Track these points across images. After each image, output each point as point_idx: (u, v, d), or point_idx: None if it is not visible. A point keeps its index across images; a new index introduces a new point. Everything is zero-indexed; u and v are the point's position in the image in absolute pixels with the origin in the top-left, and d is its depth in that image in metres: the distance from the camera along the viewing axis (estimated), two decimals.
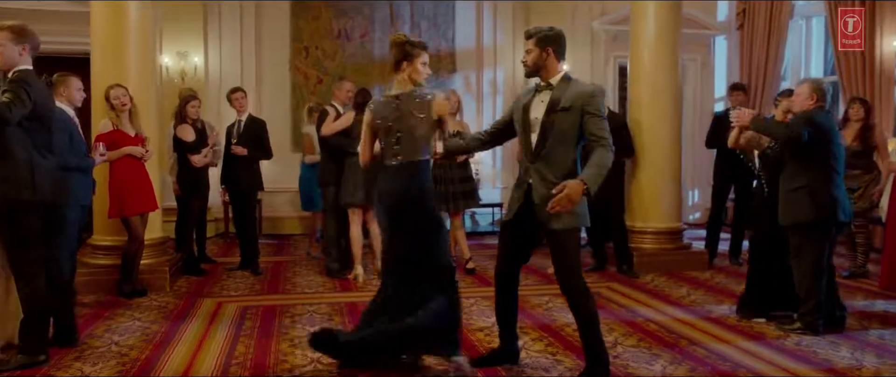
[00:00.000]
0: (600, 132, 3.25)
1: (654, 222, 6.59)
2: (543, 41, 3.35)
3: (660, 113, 6.54)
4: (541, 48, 3.35)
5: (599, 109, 3.28)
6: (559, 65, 3.40)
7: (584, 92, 3.30)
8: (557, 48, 3.38)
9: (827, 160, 4.31)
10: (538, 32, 3.38)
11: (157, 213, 5.75)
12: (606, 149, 3.23)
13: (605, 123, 3.28)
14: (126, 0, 5.59)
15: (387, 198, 3.65)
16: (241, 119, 6.55)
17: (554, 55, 3.36)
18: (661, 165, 6.56)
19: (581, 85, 3.37)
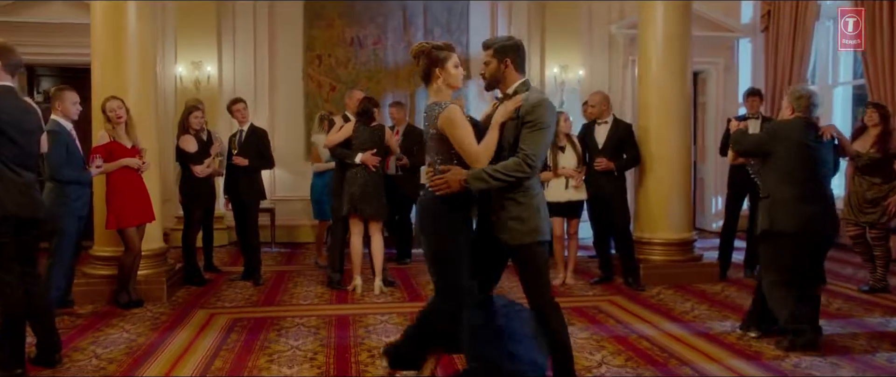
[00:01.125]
0: (526, 145, 3.09)
1: (663, 232, 6.38)
2: (501, 52, 3.23)
3: (668, 119, 6.34)
4: (499, 59, 3.23)
5: (539, 120, 3.10)
6: (518, 75, 3.27)
7: (528, 100, 3.15)
8: (516, 59, 3.25)
9: (788, 170, 4.24)
10: (495, 43, 3.27)
11: (157, 224, 5.79)
12: (520, 161, 3.07)
13: (538, 138, 3.10)
14: (126, 13, 5.63)
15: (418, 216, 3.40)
16: (243, 129, 6.56)
17: (513, 66, 3.24)
18: (670, 173, 6.35)
19: (532, 94, 3.22)
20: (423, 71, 3.26)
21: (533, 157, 3.07)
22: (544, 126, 3.10)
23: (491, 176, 3.06)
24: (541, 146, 3.11)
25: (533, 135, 3.08)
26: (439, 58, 3.21)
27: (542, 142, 3.11)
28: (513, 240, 3.16)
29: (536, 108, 3.10)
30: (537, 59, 9.57)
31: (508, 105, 3.16)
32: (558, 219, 6.27)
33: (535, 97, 3.15)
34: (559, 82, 9.36)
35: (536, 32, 9.58)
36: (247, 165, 6.41)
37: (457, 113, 3.14)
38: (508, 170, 3.06)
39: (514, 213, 3.15)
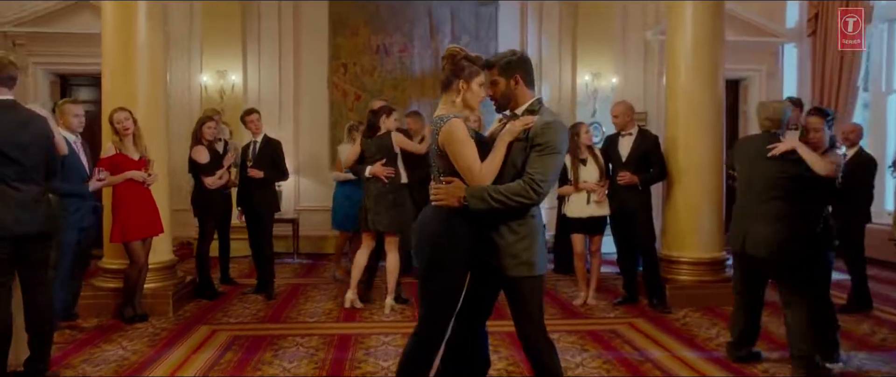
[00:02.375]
0: (533, 169, 2.83)
1: (691, 251, 6.01)
2: (508, 69, 2.97)
3: (698, 128, 5.97)
4: (507, 77, 2.96)
5: (549, 144, 2.84)
6: (529, 93, 3.02)
7: (539, 121, 2.89)
8: (525, 75, 2.99)
9: (741, 186, 4.25)
10: (500, 60, 2.99)
11: (166, 236, 5.72)
12: (526, 186, 2.81)
13: (547, 163, 2.83)
14: (135, 21, 5.60)
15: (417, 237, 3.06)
16: (257, 140, 6.46)
17: (523, 82, 2.98)
18: (700, 188, 5.97)
19: (545, 114, 2.96)
20: (445, 77, 2.98)
21: (541, 183, 2.81)
22: (555, 150, 2.84)
23: (492, 196, 2.81)
24: (550, 172, 2.84)
25: (542, 159, 2.82)
26: (468, 71, 2.94)
27: (551, 167, 2.85)
28: (505, 270, 2.91)
29: (546, 131, 2.84)
30: (569, 67, 9.27)
31: (516, 125, 2.90)
32: (579, 235, 5.97)
33: (546, 118, 2.89)
34: (591, 91, 9.04)
35: (568, 39, 9.28)
36: (261, 177, 6.30)
37: (459, 128, 2.85)
38: (512, 193, 2.81)
39: (508, 241, 2.90)
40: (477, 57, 3.01)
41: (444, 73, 3.00)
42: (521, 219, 2.90)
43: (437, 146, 2.94)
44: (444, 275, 2.90)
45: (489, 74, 3.02)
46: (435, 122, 2.96)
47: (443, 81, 3.01)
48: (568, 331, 5.12)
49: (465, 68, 2.95)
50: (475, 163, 2.85)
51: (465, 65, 2.96)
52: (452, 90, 2.97)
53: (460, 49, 3.00)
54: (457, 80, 2.95)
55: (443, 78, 3.01)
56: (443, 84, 3.02)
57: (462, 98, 2.96)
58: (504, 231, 2.90)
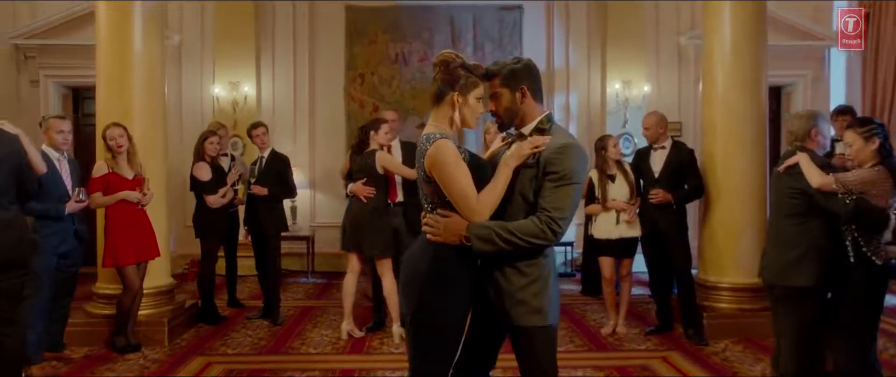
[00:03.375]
0: (550, 204, 2.37)
1: (732, 276, 5.46)
2: (512, 79, 2.51)
3: (738, 141, 5.43)
4: (511, 89, 2.52)
5: (564, 173, 2.38)
6: (537, 107, 2.57)
7: (553, 144, 2.43)
8: (532, 85, 2.54)
9: None
10: (503, 68, 2.53)
11: (163, 259, 5.38)
12: (542, 226, 2.36)
13: (564, 195, 2.38)
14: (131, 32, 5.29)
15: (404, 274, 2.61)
16: (263, 155, 6.10)
17: (530, 94, 2.53)
18: (740, 206, 5.43)
19: (558, 134, 2.50)
20: (437, 88, 2.50)
21: (560, 221, 2.36)
22: (572, 180, 2.39)
23: (501, 237, 2.35)
24: (568, 207, 2.39)
25: (558, 192, 2.38)
26: (463, 82, 2.48)
27: (570, 202, 2.39)
28: (512, 319, 2.45)
29: (563, 157, 2.39)
30: (598, 74, 8.77)
31: (524, 147, 2.45)
32: (608, 259, 5.47)
33: (561, 140, 2.44)
34: (622, 100, 8.52)
35: (596, 45, 8.78)
36: (266, 195, 5.94)
37: (447, 149, 2.39)
38: (525, 233, 2.35)
39: (515, 285, 2.44)
40: (476, 65, 2.55)
41: (435, 83, 2.53)
42: (531, 260, 2.45)
43: (423, 171, 2.49)
44: (438, 321, 2.44)
45: (490, 86, 2.57)
46: (420, 141, 2.51)
47: (434, 93, 2.53)
48: (594, 366, 4.63)
49: (461, 78, 2.49)
50: (470, 191, 2.39)
51: (460, 74, 2.49)
52: (445, 104, 2.50)
53: (456, 55, 2.54)
54: (451, 91, 2.48)
55: (434, 89, 2.53)
56: (434, 96, 2.53)
57: (457, 114, 2.51)
58: (510, 273, 2.45)
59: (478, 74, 2.53)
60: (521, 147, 2.46)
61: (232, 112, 8.31)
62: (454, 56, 2.53)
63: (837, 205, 3.46)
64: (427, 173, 2.46)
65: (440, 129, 2.51)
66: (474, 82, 2.51)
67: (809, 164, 3.53)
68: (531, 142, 2.46)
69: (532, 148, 2.43)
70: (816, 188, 3.48)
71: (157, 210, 5.30)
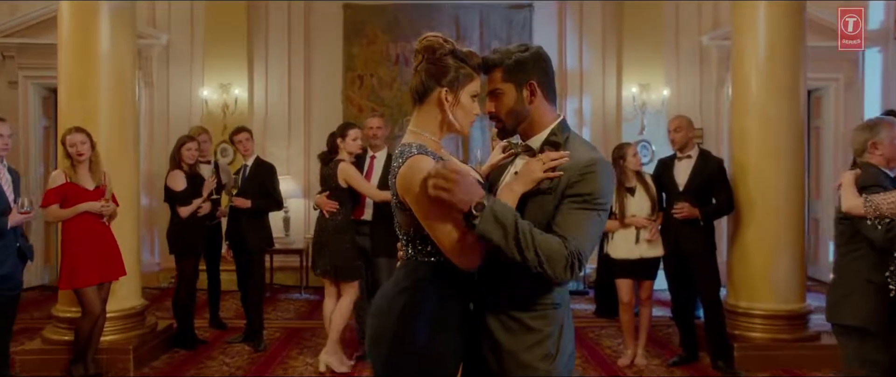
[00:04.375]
0: (571, 231, 1.80)
1: (765, 302, 4.89)
2: (519, 71, 1.94)
3: (774, 152, 4.88)
4: (518, 84, 1.95)
5: (593, 195, 1.83)
6: (550, 110, 2.00)
7: (575, 162, 1.86)
8: (543, 79, 1.97)
9: None
10: (507, 57, 1.95)
11: (132, 277, 4.85)
12: (566, 252, 1.76)
13: (589, 223, 1.83)
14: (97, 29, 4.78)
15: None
16: (247, 163, 5.57)
17: (542, 93, 1.97)
18: (776, 225, 4.86)
19: (578, 147, 1.93)
20: (418, 83, 1.94)
21: (581, 253, 1.78)
22: (601, 205, 1.84)
23: (517, 233, 1.73)
24: (591, 236, 1.84)
25: (582, 218, 1.82)
26: (454, 75, 1.91)
27: (594, 230, 1.85)
28: None
29: (593, 174, 1.83)
30: (613, 77, 8.22)
31: (535, 169, 1.87)
32: (627, 281, 4.90)
33: (585, 154, 1.88)
34: (639, 104, 7.95)
35: (612, 46, 8.23)
36: (249, 207, 5.41)
37: (424, 168, 1.79)
38: (545, 250, 1.75)
39: (516, 340, 1.88)
40: (470, 53, 1.98)
41: (416, 76, 1.96)
42: (538, 309, 1.88)
43: (396, 197, 1.93)
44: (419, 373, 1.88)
45: (489, 80, 2.01)
46: (394, 156, 1.95)
47: (414, 89, 1.96)
48: None
49: (451, 69, 1.92)
50: (457, 225, 1.80)
51: (450, 64, 1.92)
52: (430, 103, 1.94)
53: (444, 39, 1.95)
54: (437, 87, 1.92)
55: (414, 84, 1.96)
56: (414, 93, 1.96)
57: (442, 116, 1.94)
58: (512, 325, 1.89)
59: (473, 65, 1.96)
60: (532, 169, 1.89)
61: (222, 116, 7.81)
62: (441, 41, 1.95)
63: (870, 231, 2.99)
64: (400, 199, 1.89)
65: (421, 137, 1.94)
66: (468, 75, 1.94)
67: (849, 184, 3.10)
68: (544, 159, 1.89)
69: (546, 170, 1.87)
70: (845, 211, 3.06)
71: (126, 224, 4.79)
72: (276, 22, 8.15)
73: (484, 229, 1.73)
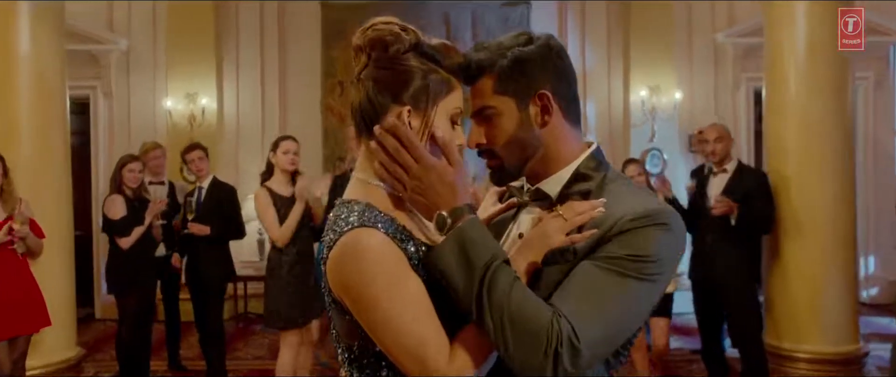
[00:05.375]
0: (571, 294, 1.11)
1: (812, 343, 4.21)
2: (520, 75, 1.23)
3: (819, 163, 4.22)
4: (519, 97, 1.24)
5: (636, 256, 1.12)
6: (575, 134, 1.29)
7: (625, 213, 1.15)
8: (561, 85, 1.26)
9: None
10: (500, 57, 1.23)
11: (62, 325, 4.10)
12: (552, 325, 1.06)
13: (620, 295, 1.11)
14: (15, 33, 4.06)
15: None
16: (202, 185, 4.83)
17: (560, 108, 1.25)
18: (822, 249, 4.17)
19: (627, 193, 1.21)
20: (363, 101, 1.21)
21: (582, 337, 1.07)
22: (645, 273, 1.12)
23: (483, 282, 1.09)
24: (612, 316, 1.11)
25: (603, 281, 1.12)
26: (419, 83, 1.20)
27: (623, 307, 1.12)
28: None
29: (640, 232, 1.13)
30: (619, 80, 7.52)
31: (550, 229, 1.18)
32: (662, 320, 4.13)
33: (638, 203, 1.17)
34: (648, 109, 7.24)
35: (617, 45, 7.54)
36: (207, 235, 4.66)
37: (372, 253, 1.11)
38: (513, 313, 1.08)
39: None
40: (444, 47, 1.25)
41: (359, 88, 1.23)
42: None
43: (328, 293, 1.19)
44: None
45: (474, 94, 1.28)
46: (328, 223, 1.20)
47: (357, 110, 1.24)
48: None
49: (414, 76, 1.20)
50: (429, 333, 1.11)
51: (413, 67, 1.21)
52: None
53: (401, 28, 1.22)
54: (393, 105, 1.20)
55: (358, 101, 1.23)
56: (357, 116, 1.24)
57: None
58: None
59: (451, 66, 1.23)
60: (547, 232, 1.18)
61: (189, 128, 7.06)
62: (397, 30, 1.22)
63: None
64: (335, 296, 1.17)
65: (369, 190, 1.22)
66: (444, 83, 1.22)
67: None
68: (567, 213, 1.18)
69: (570, 232, 1.16)
70: None
71: (55, 260, 4.10)
72: (248, 24, 7.41)
73: (436, 259, 1.12)
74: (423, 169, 1.15)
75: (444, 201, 1.15)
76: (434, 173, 1.15)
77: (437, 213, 1.15)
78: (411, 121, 1.19)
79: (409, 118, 1.19)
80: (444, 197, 1.15)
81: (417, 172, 1.15)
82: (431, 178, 1.15)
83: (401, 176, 1.17)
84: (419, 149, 1.16)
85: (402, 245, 1.14)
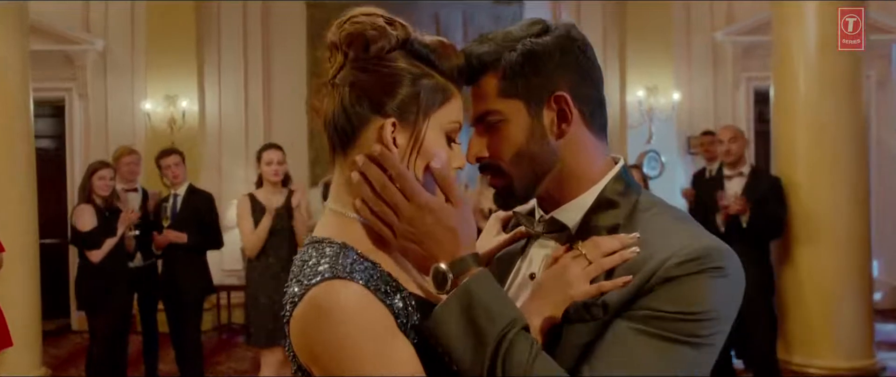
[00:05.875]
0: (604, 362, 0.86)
1: (824, 357, 3.97)
2: (532, 73, 0.98)
3: (831, 167, 3.99)
4: (530, 100, 0.99)
5: (684, 314, 0.86)
6: (599, 147, 1.03)
7: (666, 252, 0.89)
8: (583, 86, 1.01)
9: None
10: (507, 51, 0.99)
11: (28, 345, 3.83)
12: None
13: (664, 363, 0.86)
14: None
15: None
16: (178, 193, 4.57)
17: (581, 115, 1.00)
18: (837, 259, 3.96)
19: (668, 223, 0.96)
20: (338, 112, 0.98)
21: None
22: (696, 335, 0.88)
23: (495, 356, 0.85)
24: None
25: (643, 348, 0.87)
26: (409, 89, 0.95)
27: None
28: None
29: (688, 280, 0.88)
30: (616, 80, 7.31)
31: (571, 274, 0.93)
32: None
33: (684, 238, 0.92)
34: (646, 110, 7.04)
35: (613, 45, 7.36)
36: (185, 244, 4.41)
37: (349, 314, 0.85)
38: None
39: None
40: (440, 45, 1.00)
41: (330, 96, 1.00)
42: None
43: (292, 356, 0.94)
44: None
45: (474, 98, 1.04)
46: (291, 275, 0.95)
47: (330, 122, 1.00)
48: None
49: (403, 80, 0.96)
50: None
51: (400, 69, 0.97)
52: (358, 148, 0.98)
53: (388, 20, 0.98)
54: (375, 117, 0.96)
55: (331, 111, 1.00)
56: (331, 131, 1.00)
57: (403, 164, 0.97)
58: None
59: (448, 70, 1.00)
60: (567, 276, 0.94)
61: (169, 132, 6.78)
62: (381, 24, 0.98)
63: None
64: (301, 363, 0.93)
65: (345, 224, 0.99)
66: (440, 90, 0.98)
67: None
68: (591, 251, 0.95)
69: (596, 278, 0.94)
70: None
71: (17, 276, 3.82)
72: (230, 23, 7.15)
73: (440, 324, 0.89)
74: (416, 209, 0.92)
75: (444, 251, 0.91)
76: (431, 215, 0.92)
77: (435, 267, 0.91)
78: (397, 137, 0.95)
79: (395, 133, 0.94)
80: (443, 245, 0.91)
81: (410, 214, 0.92)
82: (427, 221, 0.91)
83: (389, 217, 0.93)
84: (412, 183, 0.92)
85: (387, 300, 0.89)
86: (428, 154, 0.96)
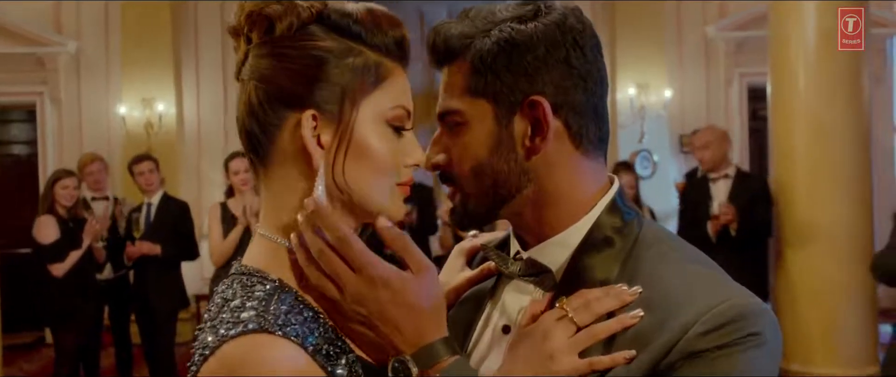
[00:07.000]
0: None
1: (823, 365, 3.80)
2: (505, 69, 0.77)
3: (831, 170, 3.84)
4: (499, 104, 0.78)
5: None
6: (593, 167, 0.82)
7: (693, 319, 0.68)
8: (572, 92, 0.78)
9: None
10: (479, 37, 0.78)
11: None
12: None
13: None
14: None
15: None
16: (151, 202, 4.37)
17: (566, 126, 0.78)
18: (836, 264, 3.80)
19: (674, 270, 0.75)
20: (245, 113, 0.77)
21: None
22: None
23: None
24: None
25: None
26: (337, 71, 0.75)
27: None
28: None
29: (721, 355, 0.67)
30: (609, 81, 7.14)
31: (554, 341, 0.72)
32: None
33: (712, 296, 0.70)
34: (638, 108, 6.88)
35: (603, 42, 6.94)
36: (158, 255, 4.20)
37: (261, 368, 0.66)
38: None
39: None
40: (365, 12, 0.79)
41: (242, 93, 0.77)
42: None
43: None
44: None
45: (443, 87, 0.83)
46: (205, 321, 0.73)
47: (242, 128, 0.78)
48: None
49: (319, 61, 0.75)
50: None
51: (316, 52, 0.75)
52: (284, 159, 0.76)
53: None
54: (293, 112, 0.75)
55: (241, 112, 0.78)
56: (244, 138, 0.78)
57: (321, 182, 0.74)
58: None
59: (383, 45, 0.80)
60: (550, 350, 0.72)
61: (146, 136, 6.55)
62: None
63: None
64: None
65: (274, 252, 0.77)
66: (372, 69, 0.77)
67: None
68: (580, 311, 0.74)
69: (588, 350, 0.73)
70: None
71: None
72: (207, 23, 6.94)
73: None
74: (366, 284, 0.71)
75: (404, 337, 0.71)
76: (386, 290, 0.71)
77: (394, 359, 0.71)
78: (320, 134, 0.74)
79: (317, 130, 0.74)
80: (403, 330, 0.71)
81: (357, 291, 0.71)
82: (381, 298, 0.71)
83: (330, 293, 0.72)
84: (358, 251, 0.71)
85: (328, 365, 0.70)
86: (363, 152, 0.75)
